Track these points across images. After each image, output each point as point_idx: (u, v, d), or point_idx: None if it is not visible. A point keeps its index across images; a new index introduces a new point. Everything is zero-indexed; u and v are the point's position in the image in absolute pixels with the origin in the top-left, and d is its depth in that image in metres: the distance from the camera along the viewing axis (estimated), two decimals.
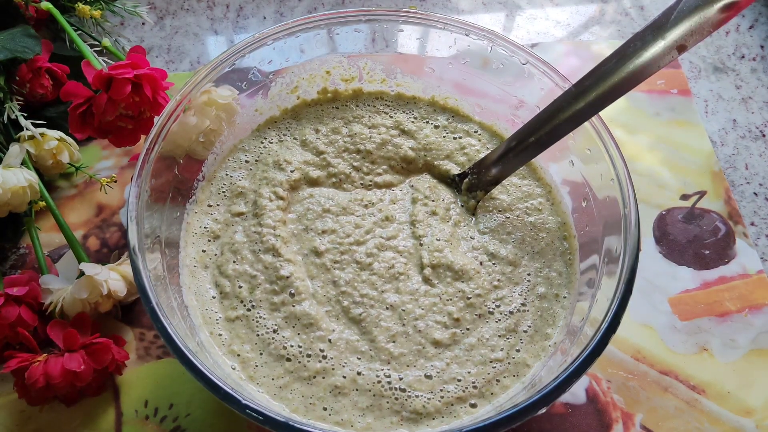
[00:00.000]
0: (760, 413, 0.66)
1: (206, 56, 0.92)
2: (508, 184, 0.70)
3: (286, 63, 0.72)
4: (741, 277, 0.74)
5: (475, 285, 0.63)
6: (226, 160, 0.72)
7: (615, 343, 0.69)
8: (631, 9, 0.99)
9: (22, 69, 0.75)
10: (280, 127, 0.75)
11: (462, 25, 0.69)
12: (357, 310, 0.62)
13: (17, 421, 0.64)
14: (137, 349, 0.68)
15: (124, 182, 0.79)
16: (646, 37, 0.54)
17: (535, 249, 0.67)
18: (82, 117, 0.68)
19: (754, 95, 0.89)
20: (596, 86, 0.57)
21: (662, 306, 0.72)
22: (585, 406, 0.66)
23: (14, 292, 0.63)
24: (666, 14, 0.52)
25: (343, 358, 0.59)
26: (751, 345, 0.70)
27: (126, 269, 0.67)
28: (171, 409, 0.65)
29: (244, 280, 0.64)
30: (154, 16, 0.95)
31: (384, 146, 0.72)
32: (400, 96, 0.76)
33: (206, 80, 0.66)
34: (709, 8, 0.51)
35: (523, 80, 0.69)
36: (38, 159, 0.72)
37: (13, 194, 0.66)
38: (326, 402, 0.58)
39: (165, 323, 0.52)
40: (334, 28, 0.71)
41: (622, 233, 0.57)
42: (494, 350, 0.61)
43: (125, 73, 0.65)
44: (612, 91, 0.56)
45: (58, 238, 0.74)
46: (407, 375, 0.59)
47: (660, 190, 0.80)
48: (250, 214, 0.68)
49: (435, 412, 0.57)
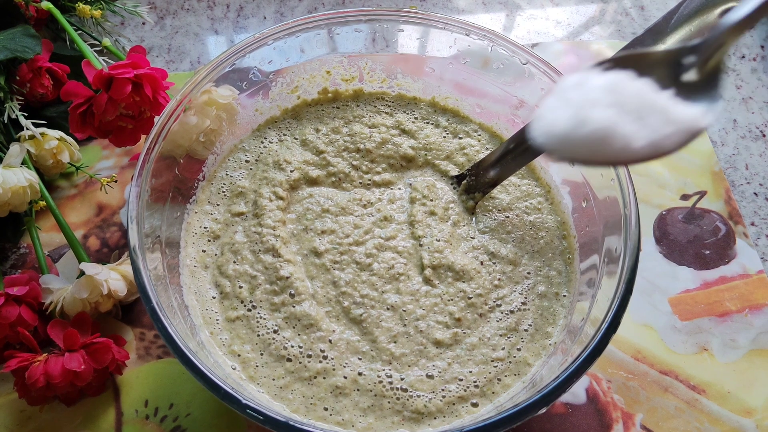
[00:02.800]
0: (760, 413, 0.66)
1: (206, 56, 0.92)
2: (507, 184, 0.70)
3: (286, 63, 0.72)
4: (741, 277, 0.74)
5: (475, 285, 0.63)
6: (227, 160, 0.72)
7: (615, 343, 0.69)
8: (631, 9, 0.99)
9: (23, 69, 0.75)
10: (280, 126, 0.75)
11: (462, 25, 0.69)
12: (358, 311, 0.62)
13: (17, 421, 0.64)
14: (137, 349, 0.68)
15: (124, 182, 0.79)
16: (645, 42, 0.53)
17: (534, 248, 0.67)
18: (82, 117, 0.68)
19: (754, 95, 0.89)
20: None
21: (662, 306, 0.72)
22: (585, 406, 0.66)
23: (14, 291, 0.63)
24: (666, 19, 0.52)
25: (343, 359, 0.59)
26: (751, 345, 0.70)
27: (126, 269, 0.67)
28: (171, 409, 0.65)
29: (244, 280, 0.64)
30: (155, 15, 0.95)
31: (384, 145, 0.72)
32: (400, 96, 0.76)
33: (206, 80, 0.66)
34: (710, 13, 0.50)
35: (524, 80, 0.69)
36: (38, 159, 0.72)
37: (13, 194, 0.66)
38: (327, 402, 0.58)
39: (165, 323, 0.52)
40: (334, 28, 0.71)
41: (622, 233, 0.57)
42: (495, 349, 0.61)
43: (125, 72, 0.65)
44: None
45: (58, 238, 0.74)
46: (409, 375, 0.59)
47: (660, 190, 0.80)
48: (250, 214, 0.68)
49: (436, 411, 0.57)
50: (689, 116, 0.41)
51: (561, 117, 0.42)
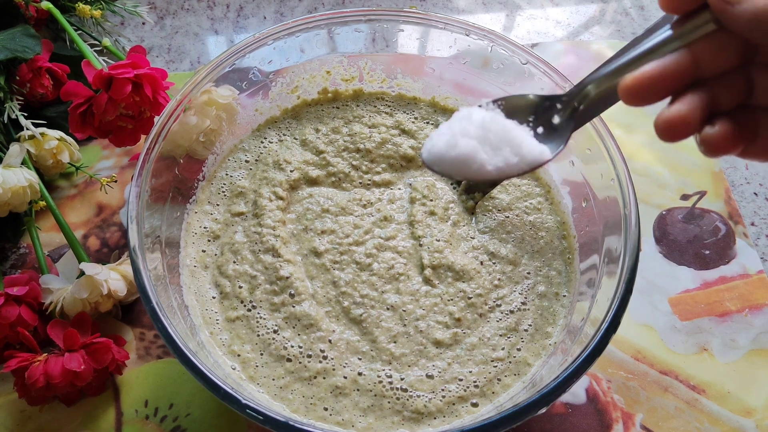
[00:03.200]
0: (760, 413, 0.66)
1: (206, 56, 0.92)
2: (507, 184, 0.70)
3: (286, 63, 0.72)
4: (741, 277, 0.74)
5: (475, 285, 0.63)
6: (226, 160, 0.72)
7: (615, 343, 0.69)
8: (631, 9, 0.99)
9: (23, 69, 0.75)
10: (280, 126, 0.75)
11: (462, 25, 0.69)
12: (357, 311, 0.62)
13: (17, 421, 0.64)
14: (137, 349, 0.68)
15: (124, 182, 0.79)
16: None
17: (534, 248, 0.67)
18: (82, 117, 0.68)
19: None
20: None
21: (662, 306, 0.72)
22: (585, 406, 0.66)
23: (14, 291, 0.63)
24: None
25: (343, 359, 0.59)
26: (751, 345, 0.70)
27: (126, 269, 0.67)
28: (171, 409, 0.65)
29: (244, 280, 0.64)
30: (155, 15, 0.95)
31: (384, 145, 0.72)
32: (400, 96, 0.76)
33: (206, 80, 0.66)
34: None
35: (524, 80, 0.69)
36: (38, 159, 0.72)
37: (13, 194, 0.66)
38: (327, 402, 0.58)
39: (165, 323, 0.52)
40: (334, 28, 0.71)
41: (622, 233, 0.57)
42: (495, 349, 0.61)
43: (125, 72, 0.65)
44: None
45: (58, 238, 0.74)
46: (409, 375, 0.59)
47: (660, 190, 0.80)
48: (250, 214, 0.68)
49: (436, 411, 0.57)
50: (534, 153, 0.52)
51: (441, 140, 0.54)
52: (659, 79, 0.39)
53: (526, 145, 0.52)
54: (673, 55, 0.40)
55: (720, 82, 0.40)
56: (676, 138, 0.39)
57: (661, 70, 0.39)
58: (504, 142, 0.52)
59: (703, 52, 0.39)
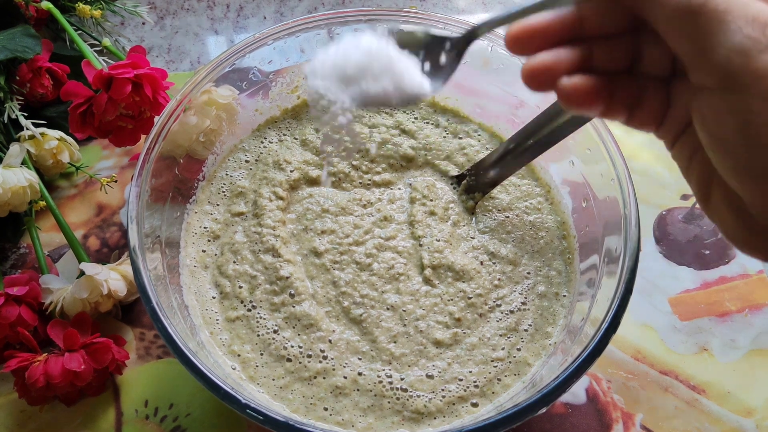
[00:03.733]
0: (760, 413, 0.66)
1: (206, 56, 0.92)
2: (507, 184, 0.70)
3: (286, 63, 0.72)
4: (741, 277, 0.74)
5: (475, 285, 0.63)
6: (226, 160, 0.72)
7: (615, 343, 0.69)
8: None
9: (23, 69, 0.75)
10: (280, 126, 0.75)
11: (462, 25, 0.69)
12: (357, 311, 0.62)
13: (17, 421, 0.64)
14: (137, 349, 0.68)
15: (124, 182, 0.79)
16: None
17: (534, 248, 0.67)
18: (82, 117, 0.68)
19: None
20: None
21: (662, 306, 0.72)
22: (585, 406, 0.66)
23: (14, 291, 0.63)
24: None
25: (343, 359, 0.59)
26: (751, 345, 0.70)
27: (126, 269, 0.67)
28: (171, 409, 0.65)
29: (244, 280, 0.64)
30: (155, 15, 0.95)
31: (384, 145, 0.72)
32: None
33: (206, 80, 0.66)
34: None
35: None
36: (38, 159, 0.72)
37: (13, 194, 0.66)
38: (327, 402, 0.58)
39: (165, 323, 0.52)
40: (334, 28, 0.71)
41: (622, 233, 0.57)
42: (495, 349, 0.61)
43: (125, 72, 0.65)
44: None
45: (58, 238, 0.74)
46: (409, 375, 0.59)
47: (660, 190, 0.80)
48: (250, 214, 0.68)
49: (436, 411, 0.57)
50: (414, 86, 0.51)
51: (327, 59, 0.52)
52: (542, 30, 0.40)
53: (407, 77, 0.51)
54: (562, 10, 0.41)
55: (602, 44, 0.40)
56: (540, 86, 0.40)
57: (546, 24, 0.40)
58: (386, 73, 0.51)
59: (590, 14, 0.40)
